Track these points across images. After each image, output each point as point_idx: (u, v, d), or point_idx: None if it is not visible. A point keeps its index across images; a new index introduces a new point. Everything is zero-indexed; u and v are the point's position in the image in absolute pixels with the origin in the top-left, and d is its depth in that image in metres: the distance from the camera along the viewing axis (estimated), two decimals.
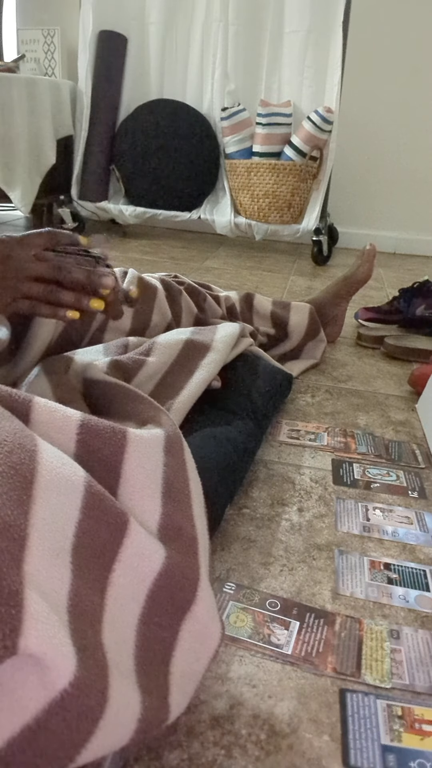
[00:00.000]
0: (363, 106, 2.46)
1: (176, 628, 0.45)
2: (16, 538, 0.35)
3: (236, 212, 2.31)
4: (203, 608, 0.46)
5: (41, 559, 0.36)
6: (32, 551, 0.36)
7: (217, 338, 0.92)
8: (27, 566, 0.35)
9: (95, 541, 0.41)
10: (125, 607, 0.42)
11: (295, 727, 0.48)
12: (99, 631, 0.39)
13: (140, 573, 0.43)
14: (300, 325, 1.21)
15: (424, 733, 0.48)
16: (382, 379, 1.22)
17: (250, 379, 0.94)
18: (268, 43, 2.19)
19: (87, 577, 0.39)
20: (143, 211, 2.34)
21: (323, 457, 0.90)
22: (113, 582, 0.42)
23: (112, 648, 0.39)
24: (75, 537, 0.40)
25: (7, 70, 2.25)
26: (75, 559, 0.39)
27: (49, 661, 0.33)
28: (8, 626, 0.32)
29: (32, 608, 0.33)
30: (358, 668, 0.54)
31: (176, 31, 2.29)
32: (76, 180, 2.39)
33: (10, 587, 0.33)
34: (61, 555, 0.38)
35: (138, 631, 0.42)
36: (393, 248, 2.65)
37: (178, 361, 0.85)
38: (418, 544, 0.72)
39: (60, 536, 0.39)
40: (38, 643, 0.32)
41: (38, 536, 0.37)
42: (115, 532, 0.42)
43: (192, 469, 0.53)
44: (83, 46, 2.30)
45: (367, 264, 1.30)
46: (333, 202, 2.39)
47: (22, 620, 0.32)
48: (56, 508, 0.39)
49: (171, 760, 0.45)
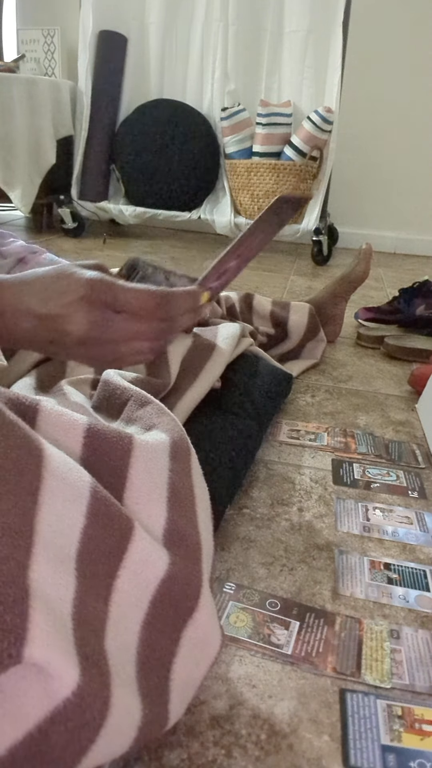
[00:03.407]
0: (363, 106, 2.46)
1: (178, 635, 0.45)
2: (21, 545, 0.35)
3: (236, 212, 2.31)
4: (205, 615, 0.46)
5: (46, 566, 0.36)
6: (37, 558, 0.36)
7: (219, 340, 0.92)
8: (32, 573, 0.35)
9: (100, 547, 0.41)
10: (128, 614, 0.42)
11: (295, 727, 0.48)
12: (102, 637, 0.39)
13: (144, 579, 0.43)
14: (299, 325, 1.21)
15: (424, 733, 0.48)
16: (382, 379, 1.22)
17: (250, 379, 0.94)
18: (268, 43, 2.19)
19: (91, 584, 0.39)
20: (143, 211, 2.34)
21: (323, 457, 0.90)
22: (117, 588, 0.41)
23: (115, 655, 0.39)
24: (80, 543, 0.39)
25: (7, 70, 2.25)
26: (80, 565, 0.39)
27: (52, 670, 0.33)
28: (13, 635, 0.32)
29: (37, 617, 0.33)
30: (358, 668, 0.54)
31: (176, 31, 2.29)
32: (76, 180, 2.39)
33: (16, 595, 0.33)
34: (66, 561, 0.38)
35: (140, 637, 0.42)
36: (393, 248, 2.65)
37: (182, 363, 0.86)
38: (418, 544, 0.72)
39: (65, 542, 0.38)
40: (42, 652, 0.33)
41: (43, 543, 0.37)
42: (120, 538, 0.42)
43: (198, 475, 0.53)
44: (83, 46, 2.30)
45: (363, 263, 1.30)
46: (333, 202, 2.39)
47: (26, 629, 0.32)
48: (62, 513, 0.39)
49: (171, 760, 0.45)
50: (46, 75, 2.62)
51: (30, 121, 2.21)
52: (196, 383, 0.83)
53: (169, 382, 0.83)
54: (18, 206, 2.24)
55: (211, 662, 0.47)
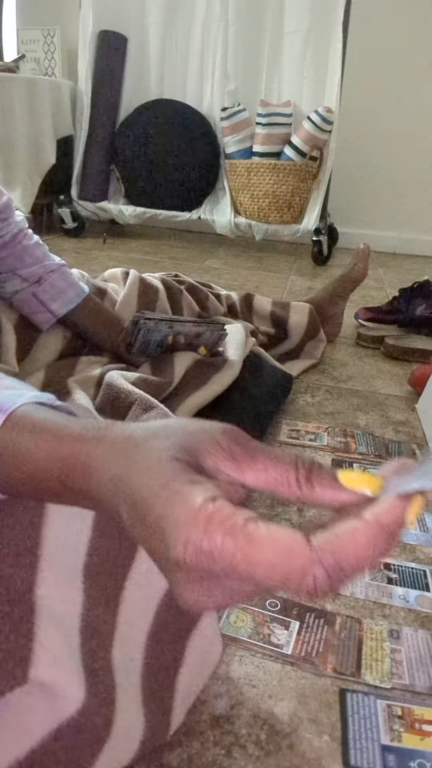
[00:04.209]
0: (363, 106, 2.46)
1: (183, 645, 0.44)
2: (27, 562, 0.35)
3: (236, 212, 2.30)
4: (208, 624, 0.46)
5: (53, 582, 0.36)
6: (44, 574, 0.35)
7: (230, 351, 0.95)
8: (39, 590, 0.34)
9: (107, 559, 0.40)
10: (135, 625, 0.41)
11: (295, 727, 0.48)
12: (109, 650, 0.38)
13: (150, 590, 0.43)
14: (299, 325, 1.21)
15: (424, 733, 0.48)
16: (382, 379, 1.22)
17: (250, 379, 0.94)
18: (268, 43, 2.19)
19: (99, 597, 0.39)
20: (143, 211, 2.34)
21: (323, 457, 0.90)
22: (125, 599, 0.41)
23: (121, 668, 0.39)
24: (87, 556, 0.39)
25: (7, 70, 2.25)
26: (87, 578, 0.38)
27: (58, 689, 0.33)
28: (18, 655, 0.32)
29: (43, 635, 0.33)
30: (358, 668, 0.54)
31: (176, 31, 2.29)
32: (76, 180, 2.39)
33: (21, 614, 0.33)
34: (74, 575, 0.37)
35: (146, 648, 0.42)
36: (393, 248, 2.65)
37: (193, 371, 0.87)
38: (418, 544, 0.72)
39: (72, 556, 0.38)
40: (48, 672, 0.32)
41: (50, 558, 0.36)
42: (127, 549, 0.42)
43: None
44: (83, 46, 2.30)
45: (362, 263, 1.30)
46: (333, 202, 2.39)
47: (32, 649, 0.32)
48: (68, 526, 0.38)
49: (171, 760, 0.45)
50: (46, 75, 2.62)
51: (30, 121, 2.21)
52: (203, 389, 0.84)
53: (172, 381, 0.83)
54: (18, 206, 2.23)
55: (213, 670, 0.47)
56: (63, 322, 0.87)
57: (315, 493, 0.26)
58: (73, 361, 0.84)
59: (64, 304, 0.85)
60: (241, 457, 0.26)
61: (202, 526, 0.23)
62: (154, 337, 0.86)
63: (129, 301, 0.97)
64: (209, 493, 0.24)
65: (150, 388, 0.77)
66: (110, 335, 0.89)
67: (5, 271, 0.82)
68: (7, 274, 0.82)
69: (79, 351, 0.90)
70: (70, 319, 0.87)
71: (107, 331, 0.89)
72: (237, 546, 0.22)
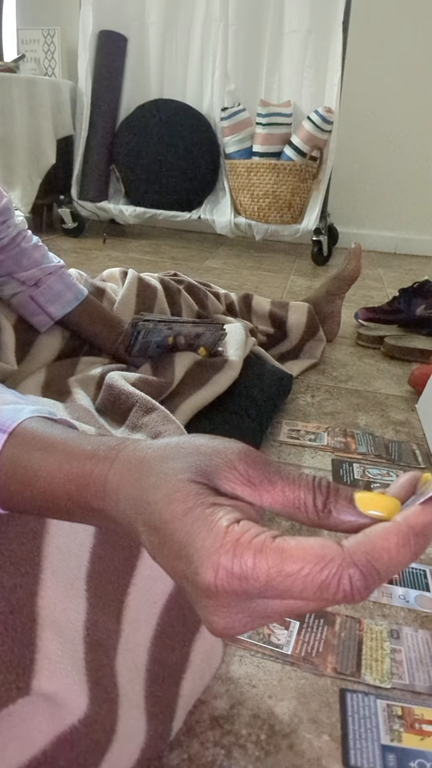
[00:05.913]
0: (363, 106, 2.46)
1: (187, 650, 0.44)
2: (30, 572, 0.34)
3: (236, 212, 2.30)
4: None
5: (56, 591, 0.35)
6: (47, 584, 0.35)
7: (231, 351, 0.95)
8: (42, 600, 0.34)
9: (110, 566, 0.40)
10: (138, 631, 0.41)
11: (295, 727, 0.48)
12: (113, 657, 0.38)
13: (153, 595, 0.43)
14: (299, 325, 1.21)
15: (424, 733, 0.48)
16: (382, 379, 1.22)
17: (250, 379, 0.94)
18: (268, 43, 2.19)
19: (102, 605, 0.39)
20: (143, 211, 2.34)
21: (323, 457, 0.90)
22: (128, 605, 0.41)
23: (124, 675, 0.39)
24: (89, 563, 0.39)
25: (7, 70, 2.25)
26: (90, 586, 0.38)
27: (60, 699, 0.33)
28: (21, 666, 0.32)
29: (46, 646, 0.33)
30: (358, 668, 0.54)
31: (176, 31, 2.29)
32: (76, 180, 2.39)
33: (24, 625, 0.33)
34: (77, 584, 0.37)
35: (150, 654, 0.42)
36: (393, 248, 2.65)
37: (193, 372, 0.87)
38: None
39: (74, 564, 0.38)
40: (50, 683, 0.32)
41: (52, 567, 0.36)
42: (129, 555, 0.42)
43: None
44: (83, 46, 2.30)
45: (354, 261, 1.31)
46: (333, 202, 2.39)
47: (35, 660, 0.32)
48: (70, 534, 0.38)
49: (171, 760, 0.45)
50: (46, 75, 2.62)
51: (30, 121, 2.21)
52: (203, 389, 0.84)
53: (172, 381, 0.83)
54: (18, 206, 2.24)
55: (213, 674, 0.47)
56: (61, 323, 0.87)
57: (332, 519, 0.25)
58: (74, 361, 0.85)
59: (62, 307, 0.85)
60: (258, 482, 0.26)
61: (231, 549, 0.23)
62: (154, 338, 0.86)
63: (127, 301, 0.97)
64: (232, 516, 0.24)
65: (150, 388, 0.77)
66: (109, 336, 0.89)
67: (3, 274, 0.82)
68: (5, 277, 0.82)
69: (78, 350, 0.90)
70: (69, 321, 0.87)
71: (106, 333, 0.89)
72: (270, 563, 0.22)
